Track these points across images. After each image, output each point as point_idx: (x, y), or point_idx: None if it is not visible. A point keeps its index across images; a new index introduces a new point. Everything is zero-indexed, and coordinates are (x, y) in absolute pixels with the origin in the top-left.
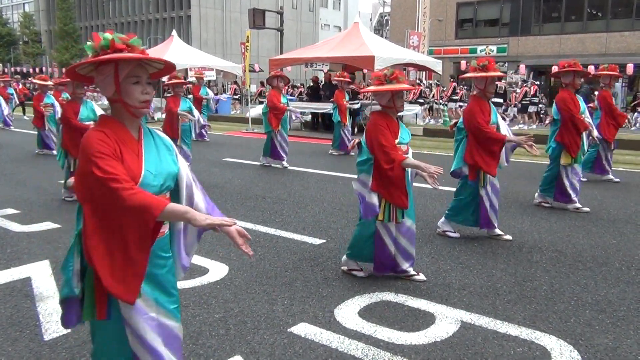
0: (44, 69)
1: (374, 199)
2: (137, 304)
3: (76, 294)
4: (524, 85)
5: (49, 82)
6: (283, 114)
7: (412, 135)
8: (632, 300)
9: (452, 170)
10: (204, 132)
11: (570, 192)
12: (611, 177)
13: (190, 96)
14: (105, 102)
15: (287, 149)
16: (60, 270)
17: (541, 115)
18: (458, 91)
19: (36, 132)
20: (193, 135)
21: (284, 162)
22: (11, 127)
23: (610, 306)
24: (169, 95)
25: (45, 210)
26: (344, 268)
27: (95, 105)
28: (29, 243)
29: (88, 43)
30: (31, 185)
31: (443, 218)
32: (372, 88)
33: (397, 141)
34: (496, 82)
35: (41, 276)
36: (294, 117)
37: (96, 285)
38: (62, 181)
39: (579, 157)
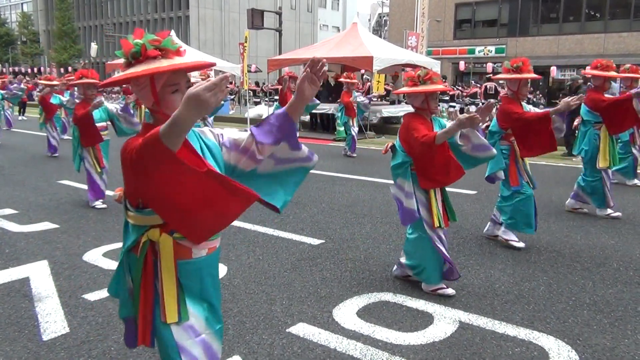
0: (42, 69)
1: (412, 203)
2: (190, 323)
3: (134, 314)
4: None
5: (55, 82)
6: None
7: None
8: (630, 300)
9: (487, 175)
10: None
11: (610, 196)
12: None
13: None
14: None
15: None
16: (109, 292)
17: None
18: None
19: (45, 134)
20: None
21: None
22: (11, 128)
23: (608, 306)
24: None
25: (44, 211)
26: (430, 290)
27: (108, 105)
28: (27, 243)
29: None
30: (29, 186)
31: (502, 227)
32: (405, 89)
33: None
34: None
35: (39, 276)
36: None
37: (141, 310)
38: (62, 182)
39: (615, 159)
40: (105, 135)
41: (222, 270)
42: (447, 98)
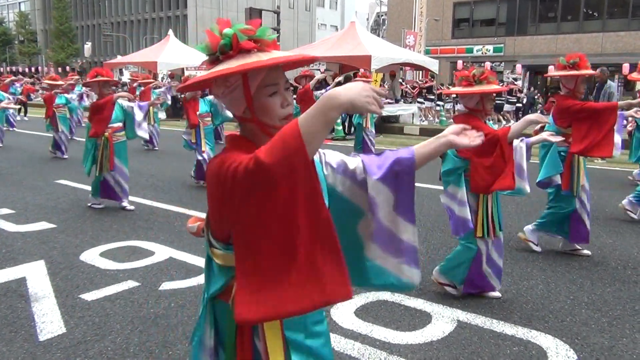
0: (39, 68)
1: (466, 212)
2: None
3: None
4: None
5: (60, 82)
6: None
7: (408, 135)
8: (628, 299)
9: (539, 180)
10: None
11: None
12: None
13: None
14: (86, 102)
15: None
16: (191, 346)
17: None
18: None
19: (51, 135)
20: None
21: None
22: (15, 129)
23: (606, 305)
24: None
25: (41, 210)
26: (438, 280)
27: (123, 102)
28: (24, 243)
29: (202, 42)
30: (26, 185)
31: (531, 226)
32: (459, 89)
33: None
34: None
35: (36, 276)
36: None
37: None
38: (60, 181)
39: None
40: (121, 137)
41: None
42: (433, 97)
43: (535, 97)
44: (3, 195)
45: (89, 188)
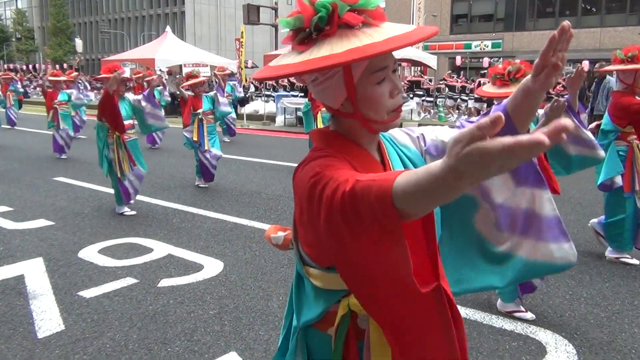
0: (37, 66)
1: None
2: None
3: None
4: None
5: (63, 78)
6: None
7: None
8: (627, 294)
9: (600, 182)
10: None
11: None
12: None
13: (211, 92)
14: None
15: None
16: None
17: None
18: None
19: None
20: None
21: None
22: (15, 127)
23: (605, 300)
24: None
25: (39, 208)
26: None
27: (131, 97)
28: (23, 240)
29: (286, 17)
30: (24, 183)
31: (610, 248)
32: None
33: None
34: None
35: (35, 274)
36: None
37: None
38: (58, 179)
39: None
40: (132, 134)
41: (219, 266)
42: (422, 92)
43: None
44: (1, 192)
45: (87, 185)
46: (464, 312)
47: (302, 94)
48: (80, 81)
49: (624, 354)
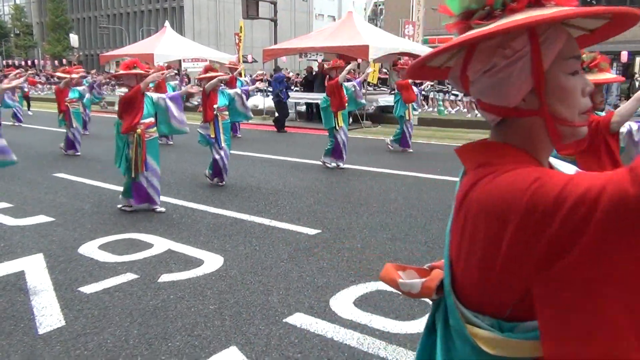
0: (36, 61)
1: None
2: None
3: None
4: None
5: (74, 75)
6: (344, 107)
7: None
8: None
9: None
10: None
11: None
12: None
13: (231, 90)
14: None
15: (347, 147)
16: None
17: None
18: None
19: (64, 131)
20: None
21: (341, 163)
22: (22, 124)
23: None
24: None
25: (39, 204)
26: None
27: (153, 95)
28: (23, 237)
29: None
30: (24, 179)
31: None
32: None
33: None
34: None
35: (35, 270)
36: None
37: None
38: (58, 175)
39: None
40: (152, 133)
41: (219, 261)
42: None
43: None
44: (1, 189)
45: (87, 181)
46: None
47: (303, 89)
48: (89, 78)
49: None
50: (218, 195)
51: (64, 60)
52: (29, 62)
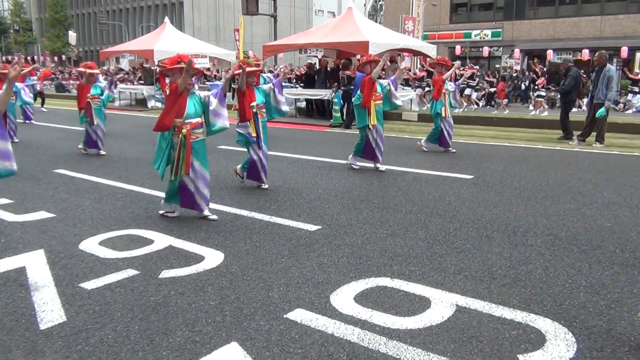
0: (35, 57)
1: None
2: None
3: None
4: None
5: (97, 71)
6: (368, 103)
7: (406, 121)
8: (626, 282)
9: None
10: None
11: None
12: None
13: (265, 86)
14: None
15: (382, 147)
16: None
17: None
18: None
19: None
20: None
21: (379, 164)
22: (32, 121)
23: (604, 289)
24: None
25: (40, 200)
26: None
27: (202, 93)
28: (23, 232)
29: None
30: (25, 175)
31: None
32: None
33: None
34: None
35: (36, 266)
36: None
37: None
38: (58, 171)
39: None
40: (199, 134)
41: (219, 257)
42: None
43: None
44: (1, 185)
45: (87, 177)
46: (463, 301)
47: (302, 85)
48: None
49: (623, 341)
50: (218, 191)
51: (64, 57)
52: (29, 58)
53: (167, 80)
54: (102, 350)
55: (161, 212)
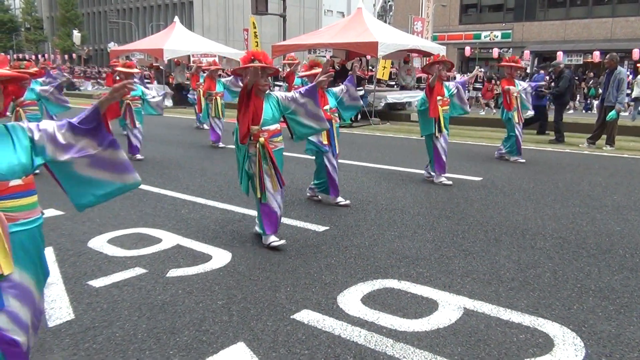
0: (46, 55)
1: None
2: None
3: None
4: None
5: (136, 70)
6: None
7: (415, 122)
8: (636, 287)
9: None
10: None
11: None
12: None
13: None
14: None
15: (447, 154)
16: None
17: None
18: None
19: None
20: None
21: (443, 178)
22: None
23: (613, 293)
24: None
25: (49, 197)
26: None
27: (279, 94)
28: None
29: None
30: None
31: None
32: None
33: None
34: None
35: None
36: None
37: None
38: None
39: None
40: (277, 143)
41: (227, 257)
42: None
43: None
44: None
45: None
46: (471, 304)
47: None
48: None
49: (632, 347)
50: (226, 190)
51: (74, 55)
52: (40, 57)
53: (201, 80)
54: (109, 348)
55: (267, 243)
